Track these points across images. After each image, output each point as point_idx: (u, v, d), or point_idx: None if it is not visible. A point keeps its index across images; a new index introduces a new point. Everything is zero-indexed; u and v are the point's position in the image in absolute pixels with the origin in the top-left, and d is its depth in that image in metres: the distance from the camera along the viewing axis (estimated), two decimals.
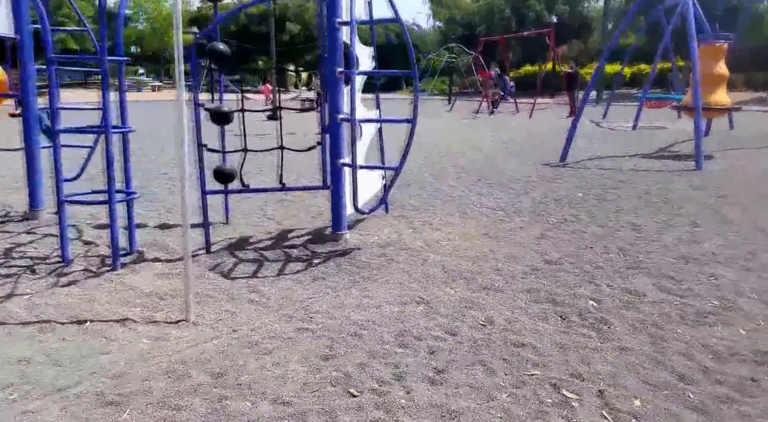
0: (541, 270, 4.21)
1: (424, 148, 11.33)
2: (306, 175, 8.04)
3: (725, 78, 9.84)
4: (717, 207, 6.07)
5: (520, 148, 11.27)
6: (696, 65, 8.70)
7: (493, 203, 6.42)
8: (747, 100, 23.35)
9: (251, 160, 5.44)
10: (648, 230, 5.28)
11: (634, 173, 8.17)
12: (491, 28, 34.49)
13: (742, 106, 10.41)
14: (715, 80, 9.71)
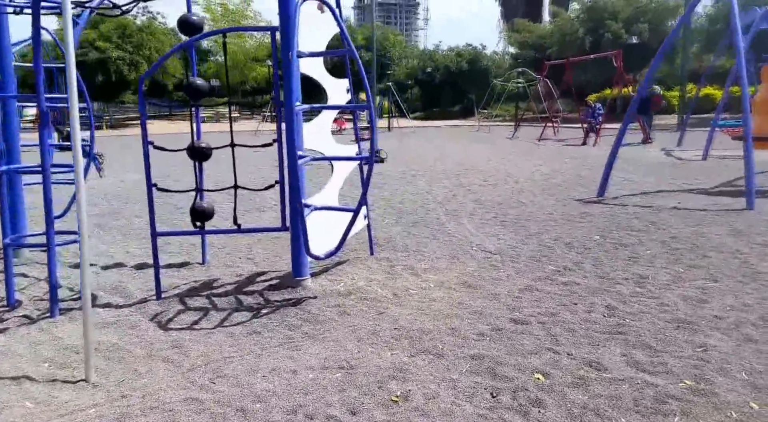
0: (503, 331, 3.74)
1: (456, 179, 10.93)
2: None
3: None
4: (750, 258, 5.29)
5: (562, 181, 10.58)
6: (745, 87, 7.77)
7: (495, 246, 5.94)
8: None
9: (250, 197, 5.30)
10: (654, 284, 4.65)
11: (672, 213, 7.37)
12: (563, 50, 33.35)
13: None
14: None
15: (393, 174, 12.06)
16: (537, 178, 11.08)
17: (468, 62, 47.51)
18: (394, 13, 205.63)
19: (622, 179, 10.64)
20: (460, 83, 46.84)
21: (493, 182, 10.66)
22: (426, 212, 7.85)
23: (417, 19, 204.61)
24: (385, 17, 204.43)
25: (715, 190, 9.19)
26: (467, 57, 47.64)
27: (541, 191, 9.49)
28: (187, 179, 8.53)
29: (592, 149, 17.46)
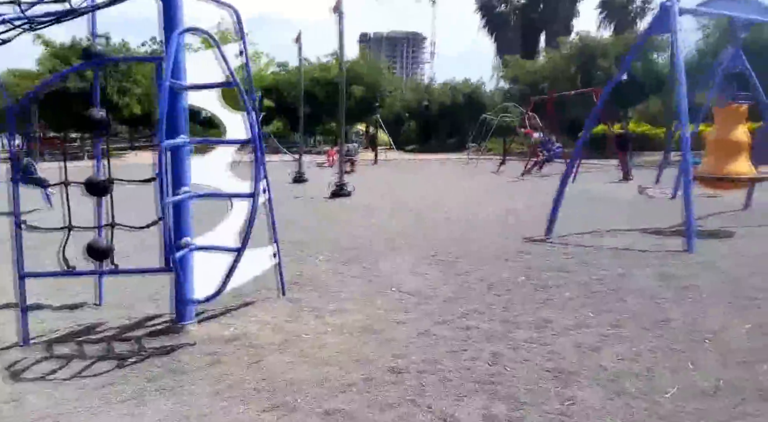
0: (373, 381, 3.60)
1: (416, 215, 10.84)
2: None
3: (745, 145, 8.70)
4: (665, 304, 5.15)
5: (521, 218, 10.47)
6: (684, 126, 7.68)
7: (416, 286, 5.81)
8: None
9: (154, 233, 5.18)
10: (554, 329, 4.51)
11: (611, 254, 7.24)
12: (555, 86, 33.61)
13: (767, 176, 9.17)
14: (733, 147, 8.61)
15: (354, 208, 12.00)
16: (498, 214, 10.99)
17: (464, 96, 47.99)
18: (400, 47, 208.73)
19: (582, 216, 10.54)
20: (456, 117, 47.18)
21: (454, 218, 10.55)
22: (367, 248, 7.74)
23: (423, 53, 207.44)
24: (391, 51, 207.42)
25: (669, 230, 9.05)
26: (463, 91, 48.14)
27: (495, 228, 9.38)
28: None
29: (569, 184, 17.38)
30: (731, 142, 8.54)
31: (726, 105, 8.68)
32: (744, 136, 8.61)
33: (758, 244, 7.64)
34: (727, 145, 8.57)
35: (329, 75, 44.37)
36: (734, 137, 8.55)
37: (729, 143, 8.55)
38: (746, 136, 8.67)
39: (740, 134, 8.58)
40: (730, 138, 8.54)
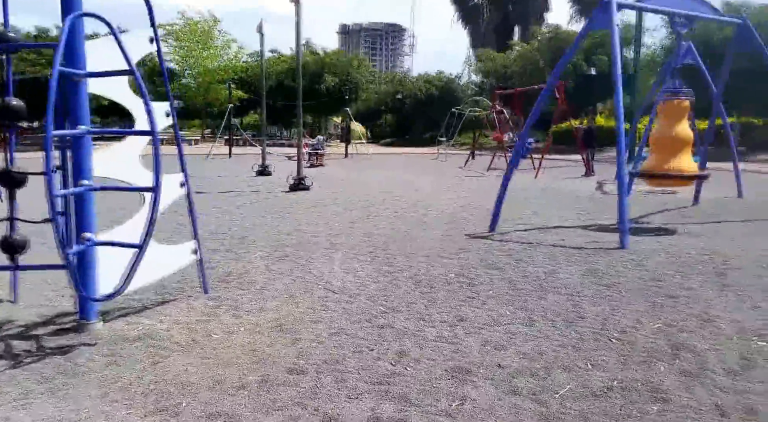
0: (268, 383, 3.55)
1: (368, 210, 10.81)
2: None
3: (688, 141, 8.82)
4: (583, 301, 5.20)
5: (473, 214, 10.50)
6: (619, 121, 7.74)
7: (344, 284, 5.78)
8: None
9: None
10: (464, 328, 4.51)
11: (548, 250, 7.30)
12: (524, 80, 33.84)
13: (710, 173, 9.33)
14: (675, 143, 8.72)
15: (307, 203, 11.92)
16: (450, 210, 11.02)
17: (438, 90, 48.00)
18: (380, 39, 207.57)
19: (532, 212, 10.63)
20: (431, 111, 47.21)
21: (404, 213, 10.56)
22: (308, 245, 7.69)
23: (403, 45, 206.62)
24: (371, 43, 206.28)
25: (613, 226, 9.14)
26: (437, 84, 48.18)
27: (444, 223, 9.39)
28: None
29: (532, 180, 17.53)
30: (673, 138, 8.65)
31: (668, 101, 8.77)
32: (686, 132, 8.72)
33: (694, 242, 7.76)
34: (669, 141, 8.67)
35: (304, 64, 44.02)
36: (676, 133, 8.65)
37: (671, 140, 8.66)
38: (689, 132, 8.78)
39: (682, 129, 8.68)
40: (673, 134, 8.64)
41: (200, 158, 28.80)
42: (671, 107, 8.73)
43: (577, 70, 34.51)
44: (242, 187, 15.13)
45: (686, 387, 3.50)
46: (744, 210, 10.73)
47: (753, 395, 3.38)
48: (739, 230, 8.57)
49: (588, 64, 35.48)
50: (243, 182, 16.47)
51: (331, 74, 42.97)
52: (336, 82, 42.86)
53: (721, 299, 5.17)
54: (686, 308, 4.94)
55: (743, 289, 5.46)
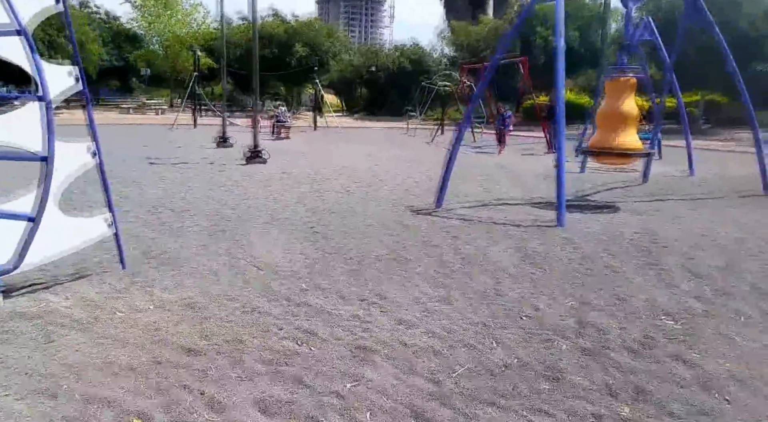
0: (160, 365, 3.46)
1: (319, 184, 10.67)
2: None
3: (633, 118, 8.82)
4: (506, 279, 5.20)
5: (425, 189, 10.39)
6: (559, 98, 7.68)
7: (274, 261, 5.68)
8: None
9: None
10: (381, 307, 4.47)
11: (486, 227, 7.29)
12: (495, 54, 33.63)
13: (654, 151, 9.38)
14: (620, 120, 8.71)
15: (259, 176, 11.74)
16: (406, 185, 10.93)
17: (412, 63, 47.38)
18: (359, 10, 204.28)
19: (483, 189, 10.60)
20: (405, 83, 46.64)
21: (356, 188, 10.45)
22: (248, 219, 7.56)
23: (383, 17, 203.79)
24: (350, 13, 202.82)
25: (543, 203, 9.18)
26: (410, 57, 47.55)
27: (393, 199, 9.31)
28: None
29: (495, 157, 17.51)
30: (618, 115, 8.64)
31: (614, 78, 8.74)
32: (632, 109, 8.71)
33: (632, 220, 7.81)
34: (614, 118, 8.66)
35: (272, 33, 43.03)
36: (621, 109, 8.64)
37: (616, 116, 8.65)
38: (634, 109, 8.78)
39: (628, 106, 8.67)
40: (617, 111, 8.64)
41: (164, 127, 28.27)
42: (617, 84, 8.71)
43: (548, 45, 34.32)
44: (198, 158, 14.84)
45: (582, 366, 3.51)
46: (692, 188, 10.86)
47: (645, 374, 3.41)
48: (681, 209, 8.65)
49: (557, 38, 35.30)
50: (200, 154, 16.15)
51: (302, 44, 42.05)
52: (307, 52, 41.99)
53: (641, 279, 5.20)
54: (605, 287, 4.96)
55: (666, 268, 5.50)
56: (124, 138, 21.63)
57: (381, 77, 49.11)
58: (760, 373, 3.42)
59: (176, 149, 17.25)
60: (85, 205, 7.67)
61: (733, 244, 6.39)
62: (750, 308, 4.46)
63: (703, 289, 4.91)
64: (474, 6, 53.17)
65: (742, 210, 8.50)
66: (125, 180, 10.64)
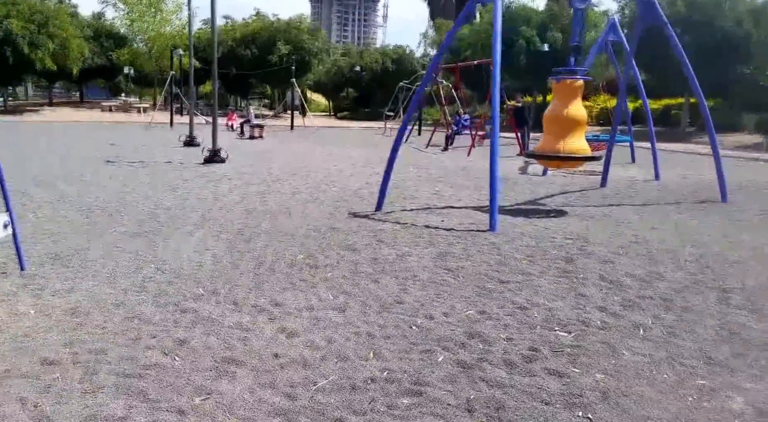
0: (7, 376, 3.29)
1: (271, 185, 10.51)
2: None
3: (581, 122, 8.69)
4: (412, 286, 5.05)
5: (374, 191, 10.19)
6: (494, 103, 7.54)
7: (182, 264, 5.50)
8: None
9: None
10: (270, 314, 4.31)
11: (418, 231, 7.14)
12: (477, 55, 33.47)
13: (601, 155, 9.27)
14: (567, 124, 8.57)
15: (213, 176, 11.57)
16: (357, 186, 10.80)
17: (394, 63, 47.39)
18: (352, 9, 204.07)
19: (433, 192, 10.46)
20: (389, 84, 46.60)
21: (305, 189, 10.30)
22: (176, 221, 7.38)
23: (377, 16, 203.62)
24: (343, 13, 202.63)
25: (507, 207, 9.06)
26: (393, 57, 47.58)
27: (337, 201, 9.16)
28: None
29: (461, 159, 17.39)
30: (564, 118, 8.51)
31: (561, 80, 8.62)
32: (579, 112, 8.59)
33: (571, 225, 7.69)
34: (560, 121, 8.53)
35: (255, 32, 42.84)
36: (568, 113, 8.51)
37: (563, 120, 8.52)
38: (582, 112, 8.66)
39: (575, 110, 8.55)
40: (564, 114, 8.50)
41: (141, 126, 28.04)
42: (564, 87, 8.58)
43: (530, 45, 34.31)
44: (159, 158, 14.65)
45: (451, 380, 3.37)
46: (650, 193, 10.77)
47: (513, 390, 3.27)
48: (629, 215, 8.54)
49: (541, 40, 35.27)
50: (164, 153, 15.97)
51: (283, 42, 41.89)
52: (289, 50, 41.83)
53: (553, 287, 5.08)
54: (511, 295, 4.83)
55: (582, 276, 5.38)
56: (93, 137, 21.43)
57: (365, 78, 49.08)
58: (633, 391, 3.29)
59: (141, 148, 17.06)
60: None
61: (664, 252, 6.27)
62: (653, 320, 4.34)
63: (612, 299, 4.78)
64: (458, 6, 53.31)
65: (692, 217, 8.41)
66: (72, 179, 10.45)
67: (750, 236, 7.11)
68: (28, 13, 33.84)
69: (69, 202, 8.34)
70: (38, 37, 33.96)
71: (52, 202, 8.33)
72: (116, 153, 15.32)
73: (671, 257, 6.01)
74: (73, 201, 8.42)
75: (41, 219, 7.24)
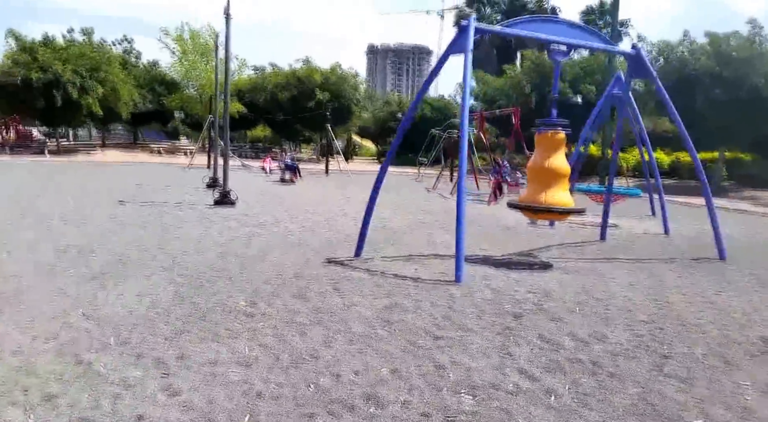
0: None
1: (271, 228, 10.48)
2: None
3: (564, 174, 8.37)
4: (338, 340, 4.82)
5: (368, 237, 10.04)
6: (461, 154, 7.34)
7: (116, 309, 5.44)
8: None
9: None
10: (164, 370, 4.16)
11: (383, 281, 6.89)
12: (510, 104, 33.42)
13: (585, 209, 8.86)
14: (549, 176, 8.27)
15: (214, 218, 11.65)
16: (349, 231, 10.63)
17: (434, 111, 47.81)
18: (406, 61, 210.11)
19: (427, 241, 10.17)
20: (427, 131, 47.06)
21: (298, 233, 10.23)
22: (142, 264, 7.35)
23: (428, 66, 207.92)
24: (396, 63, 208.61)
25: (494, 259, 8.72)
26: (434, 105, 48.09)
27: (322, 246, 9.03)
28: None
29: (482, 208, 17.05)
30: (546, 170, 8.23)
31: (543, 132, 8.39)
32: (561, 164, 8.31)
33: (545, 280, 7.26)
34: (542, 173, 8.26)
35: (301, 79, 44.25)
36: (550, 165, 8.24)
37: (544, 172, 8.24)
38: (564, 164, 8.38)
39: (557, 162, 8.27)
40: (546, 166, 8.23)
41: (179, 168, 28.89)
42: (545, 139, 8.33)
43: (562, 98, 34.00)
44: (173, 199, 14.96)
45: None
46: (650, 248, 10.18)
47: None
48: (616, 271, 8.04)
49: (574, 92, 35.00)
50: (181, 194, 16.32)
51: (322, 90, 43.07)
52: (328, 98, 42.89)
53: (486, 344, 4.75)
54: (436, 353, 4.53)
55: (521, 334, 5.02)
56: (126, 177, 22.18)
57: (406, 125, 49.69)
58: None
59: (163, 190, 17.49)
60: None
61: (624, 311, 5.83)
62: (571, 386, 3.97)
63: (539, 361, 4.42)
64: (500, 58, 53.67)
65: (678, 275, 7.86)
66: (70, 219, 10.70)
67: (725, 298, 6.59)
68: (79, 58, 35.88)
69: (51, 241, 8.49)
70: (88, 82, 35.78)
71: (35, 241, 8.48)
72: (135, 193, 15.75)
73: (627, 317, 5.58)
74: (55, 240, 8.57)
75: (9, 259, 7.35)
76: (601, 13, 59.06)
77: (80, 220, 10.63)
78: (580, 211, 8.74)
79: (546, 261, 8.58)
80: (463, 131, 7.27)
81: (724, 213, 17.65)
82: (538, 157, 8.41)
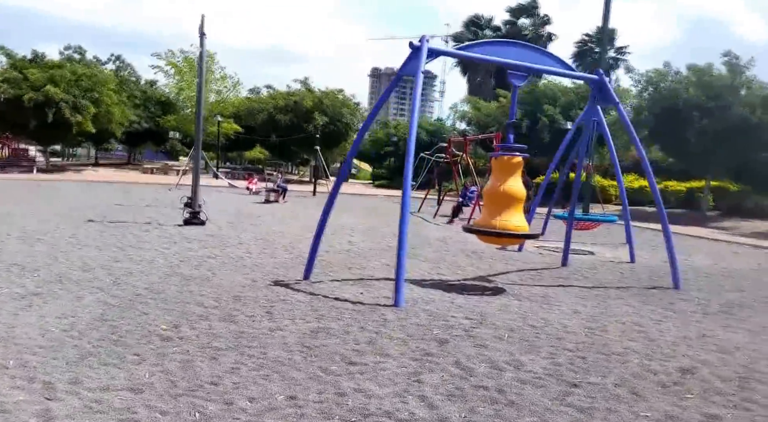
0: None
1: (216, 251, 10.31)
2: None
3: (519, 198, 8.27)
4: (247, 366, 4.67)
5: (326, 261, 9.91)
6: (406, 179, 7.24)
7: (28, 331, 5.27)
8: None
9: None
10: (45, 395, 4.00)
11: (322, 304, 6.74)
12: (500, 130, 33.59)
13: (540, 233, 8.77)
14: (504, 200, 8.16)
15: (176, 238, 11.51)
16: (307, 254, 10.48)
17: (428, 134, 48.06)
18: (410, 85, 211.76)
19: (384, 263, 10.00)
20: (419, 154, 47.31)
21: (257, 254, 10.10)
22: (80, 283, 7.18)
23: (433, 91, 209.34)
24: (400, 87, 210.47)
25: (446, 283, 8.58)
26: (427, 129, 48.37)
27: (272, 268, 8.89)
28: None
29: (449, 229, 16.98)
30: (501, 194, 8.14)
31: (498, 156, 8.32)
32: (517, 188, 8.21)
33: (490, 306, 7.12)
34: (497, 197, 8.17)
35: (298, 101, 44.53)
36: (505, 189, 8.14)
37: (499, 196, 8.15)
38: (520, 188, 8.28)
39: (512, 186, 8.18)
40: (501, 190, 8.14)
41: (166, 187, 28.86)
42: (501, 163, 8.25)
43: (554, 123, 34.15)
44: (143, 218, 14.85)
45: None
46: (607, 276, 9.99)
47: None
48: (566, 297, 7.87)
49: (565, 118, 35.18)
50: (155, 213, 16.22)
51: (320, 113, 43.34)
52: (325, 121, 43.17)
53: (396, 372, 4.58)
54: (345, 380, 4.37)
55: (439, 361, 4.86)
56: (107, 196, 22.10)
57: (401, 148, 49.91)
58: None
59: (140, 209, 17.41)
60: None
61: (552, 339, 5.67)
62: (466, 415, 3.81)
63: (445, 388, 4.26)
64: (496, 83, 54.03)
65: (625, 304, 7.67)
66: (28, 237, 10.57)
67: (662, 328, 6.43)
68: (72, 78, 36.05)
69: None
70: (80, 101, 35.92)
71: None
72: (108, 212, 15.64)
73: (554, 345, 5.42)
74: (2, 259, 8.43)
75: None
76: (598, 40, 59.67)
77: (37, 239, 10.48)
78: (534, 236, 8.62)
79: (500, 287, 8.44)
80: (410, 150, 7.21)
81: (700, 242, 17.52)
82: (493, 181, 8.32)
